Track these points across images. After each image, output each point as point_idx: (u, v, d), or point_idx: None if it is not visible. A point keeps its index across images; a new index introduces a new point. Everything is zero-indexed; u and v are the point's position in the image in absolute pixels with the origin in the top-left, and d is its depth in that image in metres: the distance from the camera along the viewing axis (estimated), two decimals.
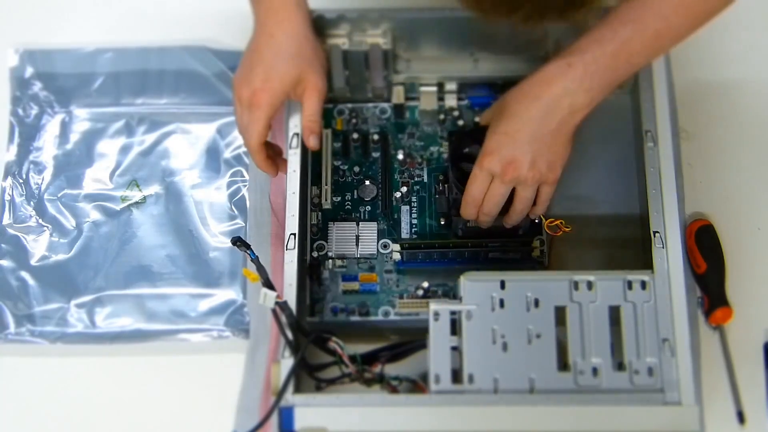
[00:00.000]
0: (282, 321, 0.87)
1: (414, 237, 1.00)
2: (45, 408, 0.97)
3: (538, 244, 0.97)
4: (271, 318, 0.88)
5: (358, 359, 0.90)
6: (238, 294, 1.01)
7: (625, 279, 0.91)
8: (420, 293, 0.98)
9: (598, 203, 1.02)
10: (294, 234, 0.94)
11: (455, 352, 0.89)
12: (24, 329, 1.00)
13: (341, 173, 1.03)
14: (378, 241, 1.00)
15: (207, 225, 1.04)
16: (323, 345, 0.90)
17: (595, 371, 0.88)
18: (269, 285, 0.85)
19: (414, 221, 1.01)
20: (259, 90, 0.93)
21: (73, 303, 1.01)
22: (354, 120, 1.07)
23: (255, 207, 1.03)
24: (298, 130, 0.98)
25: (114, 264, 1.02)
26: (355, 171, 1.03)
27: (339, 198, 1.02)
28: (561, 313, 0.90)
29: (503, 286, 0.91)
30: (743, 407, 0.93)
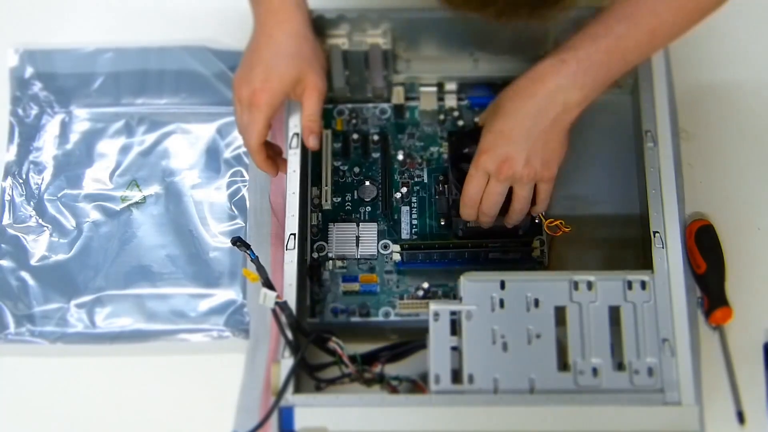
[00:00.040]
0: (282, 321, 0.87)
1: (414, 237, 1.00)
2: (45, 408, 0.97)
3: (538, 244, 0.97)
4: (271, 318, 0.88)
5: (358, 359, 0.90)
6: (238, 294, 1.01)
7: (625, 279, 0.91)
8: (420, 294, 0.98)
9: (598, 203, 1.02)
10: (294, 234, 0.94)
11: (455, 352, 0.89)
12: (24, 329, 1.00)
13: (341, 174, 1.03)
14: (378, 242, 1.00)
15: (207, 225, 1.04)
16: (323, 345, 0.90)
17: (595, 371, 0.88)
18: (269, 285, 0.85)
19: (414, 222, 1.01)
20: (259, 90, 0.93)
21: (73, 303, 1.01)
22: (354, 120, 1.06)
23: (255, 207, 1.03)
24: (298, 130, 0.98)
25: (114, 264, 1.02)
26: (355, 171, 1.03)
27: (339, 199, 1.02)
28: (561, 313, 0.90)
29: (503, 286, 0.91)
30: (743, 407, 0.94)
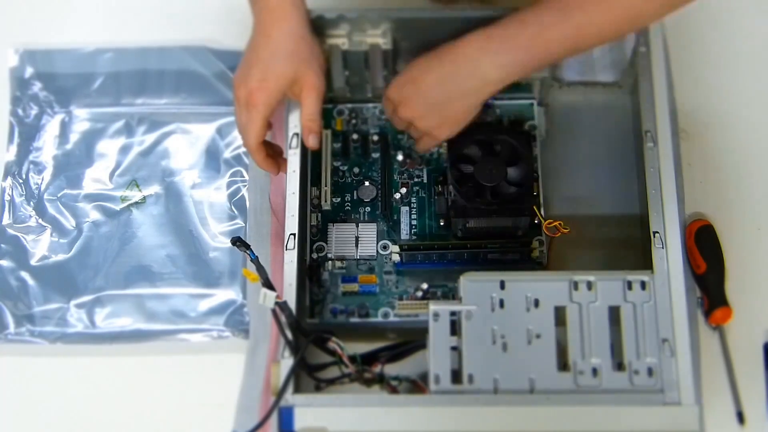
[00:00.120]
0: (282, 321, 0.87)
1: (413, 238, 1.00)
2: (45, 408, 0.97)
3: (537, 244, 0.97)
4: (271, 318, 0.88)
5: (357, 359, 0.90)
6: (237, 294, 1.01)
7: (625, 279, 0.91)
8: (419, 294, 0.98)
9: (598, 203, 1.02)
10: (294, 234, 0.94)
11: (455, 352, 0.89)
12: (24, 329, 1.00)
13: (341, 174, 1.03)
14: (377, 243, 1.00)
15: (207, 225, 1.04)
16: (323, 345, 0.90)
17: (595, 371, 0.88)
18: (269, 285, 0.85)
19: (413, 222, 1.01)
20: (256, 90, 0.93)
21: (73, 303, 1.01)
22: (354, 120, 1.06)
23: (255, 207, 1.03)
24: (297, 129, 0.98)
25: (114, 264, 1.02)
26: (355, 172, 1.03)
27: (338, 199, 1.02)
28: (561, 314, 0.90)
29: (503, 286, 0.90)
30: (743, 407, 0.94)
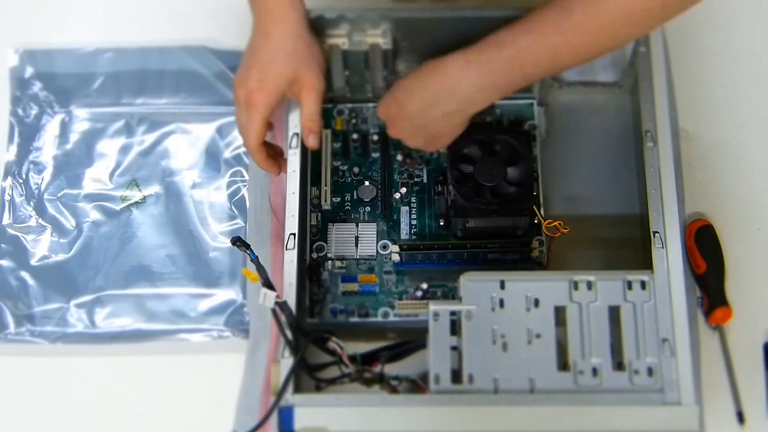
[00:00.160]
0: (282, 321, 0.87)
1: (413, 238, 1.00)
2: (45, 408, 0.97)
3: (537, 244, 0.97)
4: (271, 318, 0.88)
5: (357, 359, 0.90)
6: (238, 294, 1.01)
7: (625, 279, 0.91)
8: (419, 294, 0.97)
9: (598, 203, 1.02)
10: (294, 234, 0.94)
11: (455, 352, 0.89)
12: (24, 329, 1.00)
13: (341, 174, 1.03)
14: (377, 242, 1.00)
15: (207, 225, 1.04)
16: (323, 345, 0.90)
17: (595, 371, 0.88)
18: (269, 285, 0.85)
19: (413, 222, 1.01)
20: (255, 90, 0.93)
21: (73, 303, 1.01)
22: (354, 120, 1.06)
23: (255, 207, 1.03)
24: (297, 129, 0.98)
25: (114, 264, 1.02)
26: (355, 171, 1.03)
27: (338, 199, 1.02)
28: (561, 313, 0.90)
29: (503, 286, 0.90)
30: (743, 407, 0.93)
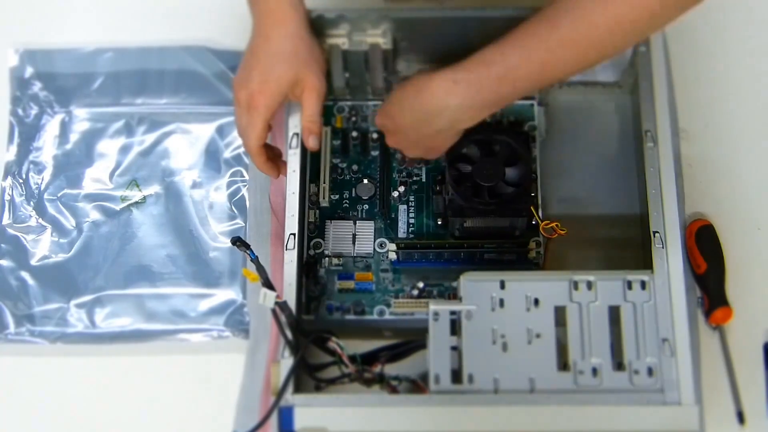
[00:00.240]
0: (282, 321, 0.87)
1: (411, 236, 1.00)
2: (45, 408, 0.97)
3: (534, 245, 0.97)
4: (271, 318, 0.88)
5: (357, 359, 0.90)
6: (238, 294, 1.01)
7: (625, 279, 0.91)
8: (415, 293, 0.97)
9: (598, 203, 1.02)
10: (294, 234, 0.94)
11: (455, 352, 0.89)
12: (24, 329, 1.00)
13: (340, 171, 1.03)
14: (375, 240, 1.00)
15: (207, 225, 1.04)
16: (323, 345, 0.90)
17: (595, 371, 0.88)
18: (269, 285, 0.85)
19: (411, 221, 1.01)
20: (256, 92, 0.93)
21: (73, 303, 1.01)
22: (354, 118, 1.06)
23: (255, 207, 1.03)
24: (297, 130, 0.98)
25: (114, 264, 1.02)
26: (354, 169, 1.03)
27: (337, 196, 1.02)
28: (561, 313, 0.90)
29: (503, 286, 0.90)
30: (743, 407, 0.93)
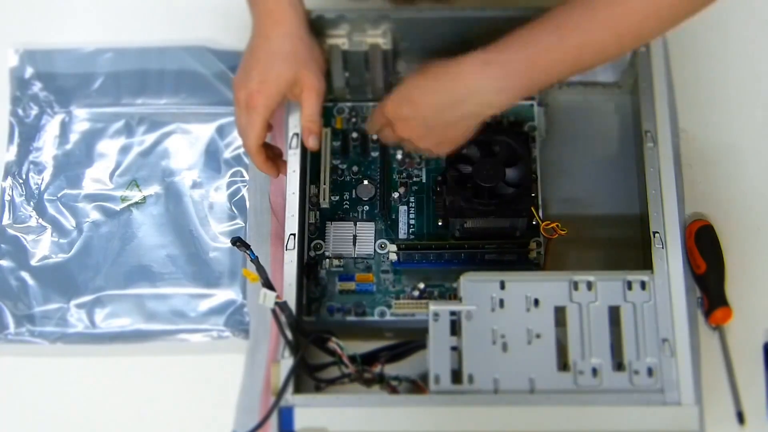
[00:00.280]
0: (282, 321, 0.87)
1: (411, 237, 1.00)
2: (45, 408, 0.97)
3: (534, 246, 0.97)
4: (271, 318, 0.88)
5: (357, 359, 0.90)
6: (237, 294, 1.01)
7: (625, 279, 0.91)
8: (416, 294, 0.97)
9: (597, 203, 1.02)
10: (294, 234, 0.94)
11: (455, 352, 0.89)
12: (24, 329, 1.00)
13: (340, 172, 1.03)
14: (375, 241, 1.00)
15: (207, 225, 1.04)
16: (323, 345, 0.90)
17: (595, 371, 0.88)
18: (269, 285, 0.85)
19: (411, 222, 1.01)
20: (255, 92, 0.93)
21: (73, 303, 1.01)
22: (353, 119, 1.06)
23: (255, 207, 1.03)
24: (297, 130, 0.98)
25: (114, 264, 1.02)
26: (354, 170, 1.03)
27: (337, 197, 1.02)
28: (561, 314, 0.90)
29: (503, 286, 0.90)
30: (743, 407, 0.93)
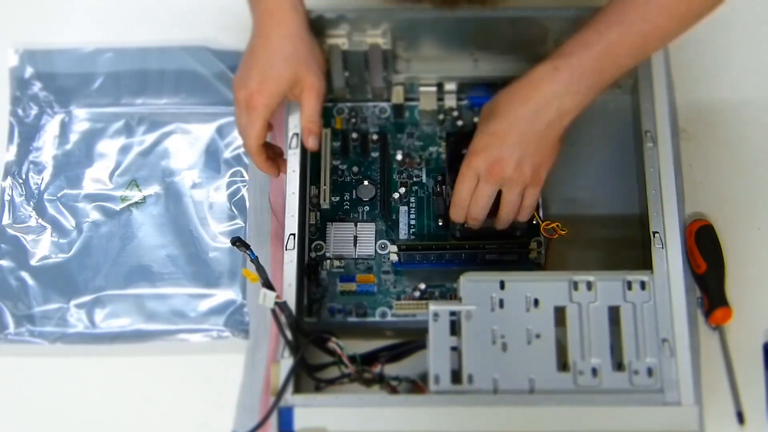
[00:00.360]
0: (282, 321, 0.87)
1: (412, 238, 1.00)
2: (45, 408, 0.97)
3: (535, 246, 0.97)
4: (271, 318, 0.88)
5: (357, 359, 0.90)
6: (237, 294, 1.01)
7: (625, 279, 0.91)
8: (417, 294, 0.97)
9: (597, 203, 1.02)
10: (294, 234, 0.94)
11: (455, 352, 0.89)
12: (24, 329, 1.00)
13: (340, 173, 1.03)
14: (376, 242, 1.00)
15: (207, 225, 1.04)
16: (323, 345, 0.90)
17: (595, 371, 0.88)
18: (269, 285, 0.85)
19: (412, 222, 1.01)
20: (256, 92, 0.93)
21: (73, 303, 1.01)
22: (353, 119, 1.06)
23: (255, 207, 1.03)
24: (297, 130, 0.98)
25: (114, 264, 1.02)
26: (354, 171, 1.03)
27: (337, 198, 1.02)
28: (561, 314, 0.90)
29: (503, 286, 0.90)
30: (743, 407, 0.93)
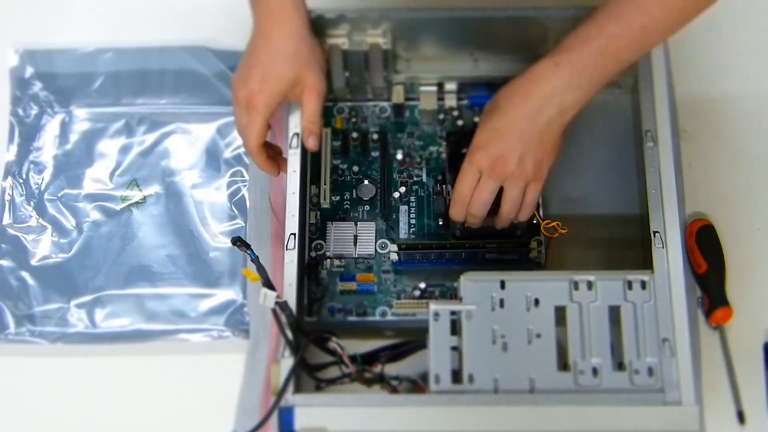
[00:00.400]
0: (282, 321, 0.87)
1: (412, 237, 1.00)
2: (45, 408, 0.97)
3: (535, 245, 0.97)
4: (271, 318, 0.88)
5: (358, 359, 0.90)
6: (238, 294, 1.01)
7: (625, 279, 0.91)
8: (417, 294, 0.97)
9: (598, 203, 1.02)
10: (294, 234, 0.94)
11: (455, 352, 0.89)
12: (24, 329, 1.00)
13: (340, 172, 1.03)
14: (376, 241, 1.00)
15: (207, 225, 1.04)
16: (323, 345, 0.90)
17: (595, 371, 0.88)
18: (269, 285, 0.85)
19: (412, 221, 1.01)
20: (256, 92, 0.93)
21: (73, 303, 1.01)
22: (353, 119, 1.06)
23: (255, 207, 1.03)
24: (298, 130, 0.98)
25: (114, 264, 1.02)
26: (354, 170, 1.03)
27: (338, 197, 1.02)
28: (561, 313, 0.90)
29: (503, 286, 0.90)
30: (743, 407, 0.93)
